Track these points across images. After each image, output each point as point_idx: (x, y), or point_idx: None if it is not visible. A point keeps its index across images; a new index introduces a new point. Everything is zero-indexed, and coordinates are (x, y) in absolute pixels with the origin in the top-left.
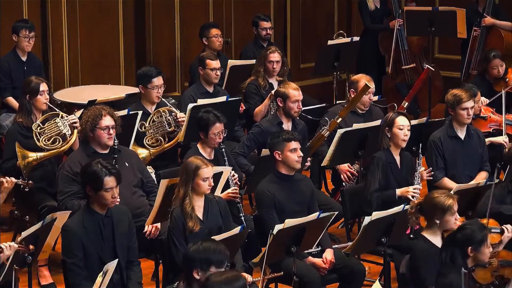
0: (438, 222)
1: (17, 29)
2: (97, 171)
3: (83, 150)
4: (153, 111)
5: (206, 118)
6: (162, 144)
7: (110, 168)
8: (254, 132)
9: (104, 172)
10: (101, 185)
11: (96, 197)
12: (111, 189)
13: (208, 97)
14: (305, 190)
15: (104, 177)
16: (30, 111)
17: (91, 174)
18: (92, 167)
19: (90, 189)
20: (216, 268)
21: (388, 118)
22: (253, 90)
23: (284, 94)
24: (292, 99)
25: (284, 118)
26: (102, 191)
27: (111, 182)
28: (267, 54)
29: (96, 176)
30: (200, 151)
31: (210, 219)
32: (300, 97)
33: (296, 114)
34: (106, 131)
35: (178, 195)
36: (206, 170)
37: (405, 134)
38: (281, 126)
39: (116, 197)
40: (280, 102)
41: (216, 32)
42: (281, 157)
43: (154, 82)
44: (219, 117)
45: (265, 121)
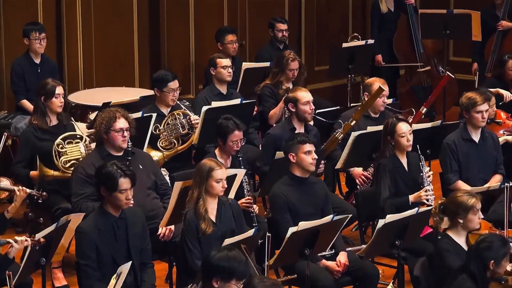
0: (462, 221)
1: (28, 32)
2: (112, 172)
3: (97, 153)
4: (168, 114)
5: (225, 125)
6: (176, 146)
7: (125, 169)
8: (268, 141)
9: (119, 173)
10: (115, 186)
11: (110, 198)
12: (125, 191)
13: (221, 99)
14: (319, 193)
15: (119, 178)
16: (44, 113)
17: (106, 174)
18: (107, 168)
19: (104, 190)
20: (236, 281)
21: (388, 125)
22: (267, 93)
23: (294, 98)
24: (302, 101)
25: (297, 124)
26: (117, 192)
27: (126, 184)
28: (288, 63)
29: (111, 177)
30: (217, 157)
31: (223, 222)
32: (310, 98)
33: (310, 117)
34: (120, 133)
35: (191, 197)
36: (220, 171)
37: (408, 139)
38: (294, 132)
39: (130, 199)
40: (292, 107)
41: (232, 39)
42: (296, 159)
43: (170, 86)
44: (238, 125)
45: (277, 127)
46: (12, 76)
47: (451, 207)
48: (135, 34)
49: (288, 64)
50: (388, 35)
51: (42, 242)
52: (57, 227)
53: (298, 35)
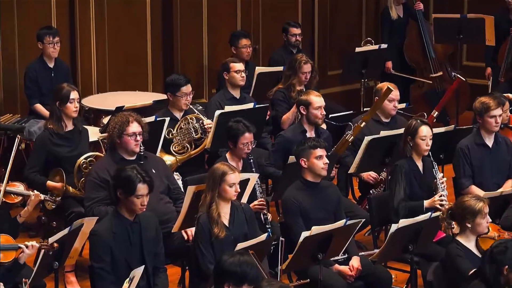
0: (470, 226)
1: (41, 36)
2: (131, 176)
3: (110, 157)
4: (181, 118)
5: (236, 128)
6: (188, 151)
7: (144, 175)
8: (279, 142)
9: (138, 178)
10: (133, 191)
11: (126, 201)
12: (142, 196)
13: (234, 103)
14: (331, 197)
15: (137, 183)
16: (60, 118)
17: (125, 178)
18: (127, 172)
19: (121, 193)
20: (248, 286)
21: (411, 127)
22: (280, 98)
23: (306, 102)
24: (314, 106)
25: (308, 127)
26: (133, 197)
27: (143, 190)
28: (301, 66)
29: (129, 181)
30: (228, 160)
31: (236, 226)
32: (323, 104)
33: (321, 121)
34: (133, 137)
35: (204, 201)
36: (233, 176)
37: (427, 144)
38: (305, 135)
39: (144, 205)
40: (303, 110)
41: (246, 43)
42: (307, 164)
43: (183, 90)
44: (248, 127)
45: (288, 130)
46: (26, 80)
47: (459, 211)
48: (148, 38)
49: (300, 67)
50: (398, 41)
51: (56, 247)
52: (70, 231)
53: (311, 40)
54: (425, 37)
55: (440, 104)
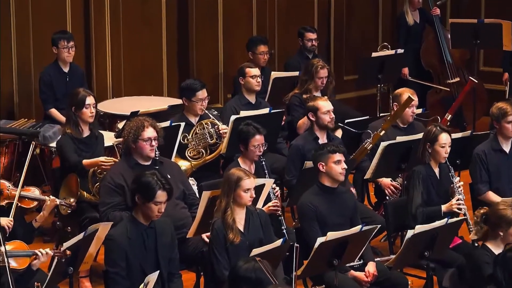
0: (502, 234)
1: (56, 41)
2: (151, 182)
3: (125, 162)
4: (196, 123)
5: (246, 130)
6: (204, 156)
7: (164, 182)
8: (292, 152)
9: (158, 185)
10: (152, 197)
11: (143, 207)
12: (160, 203)
13: (250, 108)
14: (348, 203)
15: (157, 190)
16: (77, 123)
17: (145, 184)
18: (147, 177)
19: (140, 198)
20: None
21: (431, 133)
22: (296, 103)
23: (313, 107)
24: (322, 110)
25: (320, 133)
26: (151, 203)
27: (162, 197)
28: (317, 71)
29: (149, 187)
30: (240, 164)
31: (251, 231)
32: (331, 108)
33: (331, 125)
34: (148, 142)
35: (219, 206)
36: (248, 181)
37: (446, 151)
38: (317, 142)
39: (162, 212)
40: (312, 116)
41: (263, 50)
42: (325, 169)
43: (199, 95)
44: (258, 129)
45: (300, 138)
46: (41, 85)
47: (494, 219)
48: (164, 43)
49: (317, 72)
50: (415, 46)
51: (69, 254)
52: (84, 236)
53: (327, 44)
54: (441, 43)
55: (453, 107)
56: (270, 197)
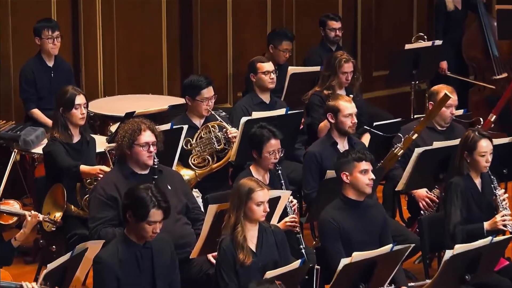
0: None
1: (39, 30)
2: (145, 199)
3: (119, 170)
4: (201, 126)
5: (259, 134)
6: (210, 164)
7: (160, 200)
8: (307, 160)
9: (153, 202)
10: (145, 216)
11: (135, 226)
12: (154, 223)
13: (264, 108)
14: (376, 219)
15: (151, 208)
16: (65, 126)
17: (138, 200)
18: (141, 192)
19: (131, 215)
20: None
21: (468, 140)
22: (317, 102)
23: (334, 108)
24: (344, 113)
25: (339, 138)
26: (144, 223)
27: (157, 216)
28: (341, 64)
29: (142, 204)
30: (253, 174)
31: (264, 251)
32: (354, 111)
33: (351, 130)
34: (145, 148)
35: (228, 222)
36: (261, 193)
37: (487, 160)
38: (336, 148)
39: (156, 232)
40: (331, 117)
41: (287, 47)
42: (350, 179)
43: (204, 93)
44: (274, 132)
45: (316, 143)
46: (22, 81)
47: None
48: (164, 33)
49: (340, 66)
50: (455, 37)
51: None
52: (72, 257)
53: (353, 35)
54: (486, 33)
55: (498, 107)
56: (286, 211)
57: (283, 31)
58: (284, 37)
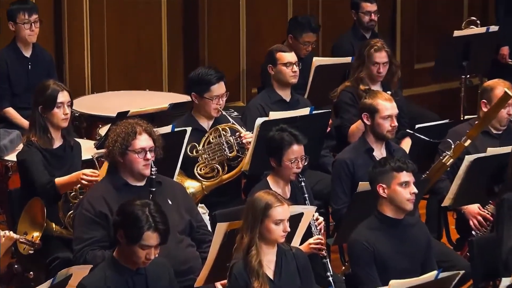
0: None
1: (13, 14)
2: (140, 218)
3: (110, 181)
4: (209, 129)
5: (279, 138)
6: (219, 174)
7: (158, 221)
8: (338, 171)
9: (148, 223)
10: (137, 238)
11: (126, 248)
12: (148, 248)
13: (283, 108)
14: (418, 240)
15: (145, 230)
16: (45, 128)
17: (131, 218)
18: (136, 209)
19: (122, 236)
20: None
21: None
22: (348, 100)
23: (371, 107)
24: (382, 114)
25: (375, 143)
26: (136, 246)
27: (152, 240)
28: (371, 53)
29: (135, 224)
30: (271, 186)
31: (284, 279)
32: (394, 111)
33: (390, 135)
34: (141, 155)
35: (240, 244)
36: (281, 209)
37: None
38: (371, 155)
39: (150, 259)
40: (367, 118)
41: (310, 39)
42: (387, 193)
43: (214, 90)
44: (296, 136)
45: (347, 150)
46: None
47: None
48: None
49: (370, 55)
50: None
51: None
52: (53, 285)
53: (391, 20)
54: None
55: None
56: (311, 231)
57: (306, 19)
58: (307, 28)
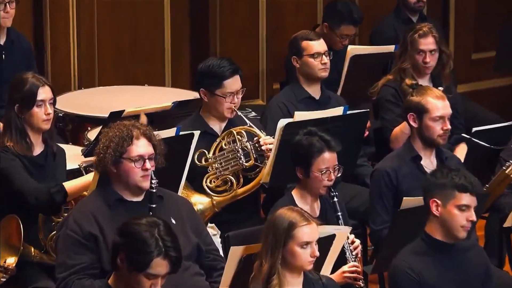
0: None
1: None
2: (148, 242)
3: (100, 196)
4: (222, 132)
5: (307, 144)
6: (233, 188)
7: (170, 246)
8: (378, 183)
9: (158, 248)
10: (144, 265)
11: (128, 276)
12: (155, 278)
13: (311, 107)
14: (474, 268)
15: (154, 257)
16: (22, 131)
17: (138, 241)
18: (143, 231)
19: (123, 260)
20: None
21: None
22: (390, 98)
23: (418, 107)
24: (432, 115)
25: (423, 149)
26: (141, 275)
27: (161, 268)
28: (414, 39)
29: (143, 249)
30: (296, 201)
31: None
32: (446, 112)
33: (442, 140)
34: (139, 164)
35: (259, 272)
36: (307, 229)
37: None
38: (418, 164)
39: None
40: (414, 120)
41: (349, 32)
42: (440, 212)
43: (227, 85)
44: (328, 142)
45: (389, 159)
46: None
47: None
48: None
49: (415, 41)
50: None
51: None
52: None
53: (444, 2)
54: None
55: None
56: (345, 256)
57: (347, 7)
58: (347, 19)
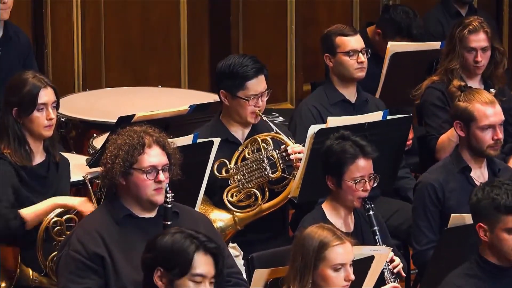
0: None
1: None
2: (182, 242)
3: (107, 212)
4: (244, 140)
5: (340, 150)
6: (258, 202)
7: (204, 240)
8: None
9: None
10: (186, 265)
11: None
12: (202, 278)
13: (346, 111)
14: None
15: (194, 253)
16: (21, 138)
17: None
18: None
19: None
20: None
21: None
22: (436, 101)
23: (465, 114)
24: (480, 124)
25: (472, 160)
26: (186, 279)
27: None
28: (464, 35)
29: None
30: (328, 216)
31: None
32: (498, 119)
33: (493, 151)
34: (151, 175)
35: None
36: (341, 250)
37: None
38: (468, 175)
39: None
40: (461, 128)
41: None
42: (488, 237)
43: (251, 86)
44: (363, 147)
45: (435, 170)
46: None
47: None
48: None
49: (464, 38)
50: None
51: None
52: None
53: None
54: None
55: None
56: (383, 277)
57: (408, 20)
58: (404, 33)
